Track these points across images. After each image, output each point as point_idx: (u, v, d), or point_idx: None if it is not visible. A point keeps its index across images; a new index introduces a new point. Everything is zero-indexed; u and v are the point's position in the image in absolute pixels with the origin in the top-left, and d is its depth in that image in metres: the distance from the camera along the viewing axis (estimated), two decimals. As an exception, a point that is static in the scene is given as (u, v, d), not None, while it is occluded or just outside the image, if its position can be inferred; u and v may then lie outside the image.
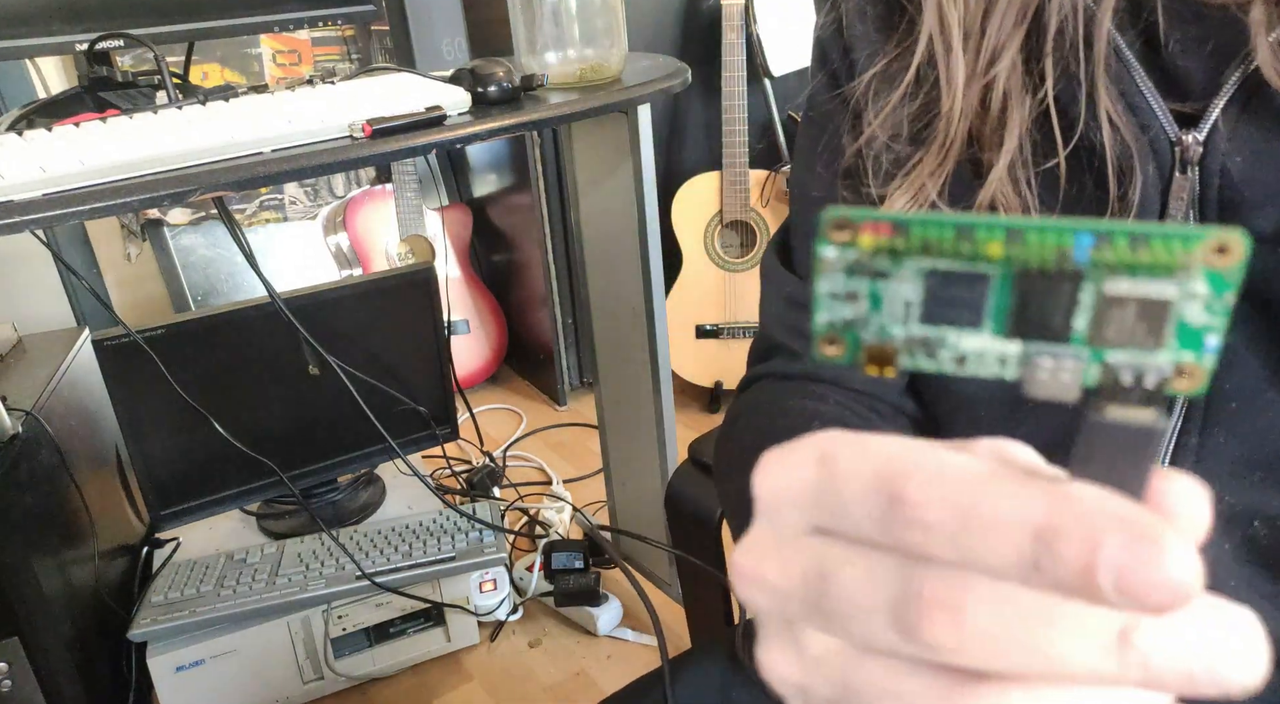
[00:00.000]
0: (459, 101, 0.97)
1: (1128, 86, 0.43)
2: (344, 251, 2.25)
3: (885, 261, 0.21)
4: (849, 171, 0.53)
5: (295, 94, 1.00)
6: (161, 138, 0.84)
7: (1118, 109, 0.43)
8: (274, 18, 1.12)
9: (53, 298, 1.68)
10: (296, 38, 2.20)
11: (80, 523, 1.31)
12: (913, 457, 0.19)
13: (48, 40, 1.00)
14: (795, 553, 0.20)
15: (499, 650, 1.56)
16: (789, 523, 0.21)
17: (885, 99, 0.49)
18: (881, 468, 0.19)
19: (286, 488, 1.49)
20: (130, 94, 1.07)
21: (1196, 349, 0.19)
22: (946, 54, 0.45)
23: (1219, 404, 0.44)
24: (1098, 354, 0.20)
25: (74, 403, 1.42)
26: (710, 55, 2.06)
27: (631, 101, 1.13)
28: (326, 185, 2.36)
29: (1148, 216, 0.44)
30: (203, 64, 2.11)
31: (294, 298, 1.39)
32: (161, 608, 1.34)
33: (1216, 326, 0.19)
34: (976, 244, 0.20)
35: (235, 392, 1.42)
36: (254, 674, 1.39)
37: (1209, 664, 0.18)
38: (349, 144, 0.88)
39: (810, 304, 0.22)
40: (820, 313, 0.22)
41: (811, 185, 0.57)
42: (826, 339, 0.22)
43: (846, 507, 0.20)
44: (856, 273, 0.21)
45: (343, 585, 1.39)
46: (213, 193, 0.82)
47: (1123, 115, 0.43)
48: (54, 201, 0.75)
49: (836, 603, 0.19)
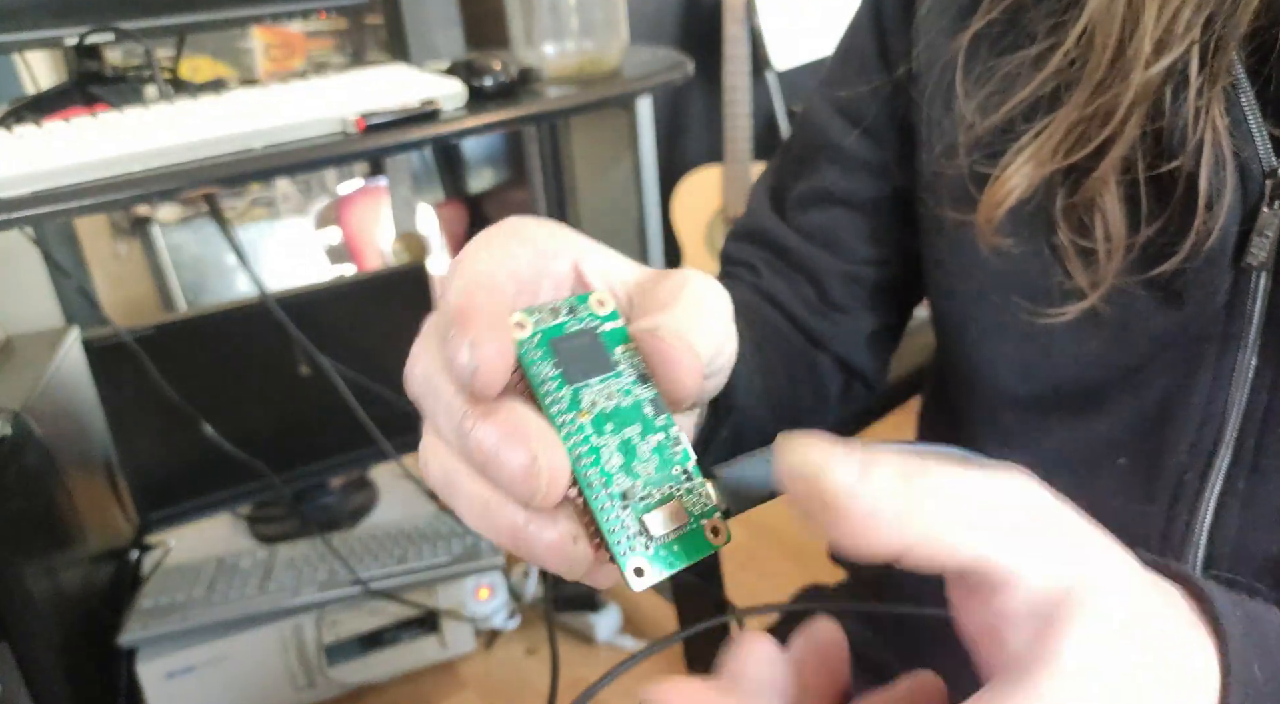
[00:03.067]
0: (454, 95, 0.95)
1: (1233, 103, 0.40)
2: (336, 248, 2.23)
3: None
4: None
5: (287, 88, 0.98)
6: (152, 133, 0.82)
7: (1221, 126, 0.39)
8: (266, 9, 1.10)
9: (41, 296, 1.66)
10: (289, 30, 2.18)
11: (69, 526, 1.29)
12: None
13: (37, 35, 0.99)
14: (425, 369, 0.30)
15: (495, 658, 1.54)
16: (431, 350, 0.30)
17: (1003, 77, 0.45)
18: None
19: (278, 491, 1.47)
20: (120, 88, 1.05)
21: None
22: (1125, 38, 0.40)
23: (1267, 450, 0.42)
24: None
25: (62, 404, 1.39)
26: (712, 47, 2.04)
27: (632, 94, 1.12)
28: (319, 181, 2.34)
29: (1222, 254, 0.41)
30: (194, 58, 2.09)
31: (286, 296, 1.37)
32: (152, 613, 1.32)
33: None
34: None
35: (226, 392, 1.41)
36: (246, 681, 1.37)
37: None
38: (341, 139, 0.86)
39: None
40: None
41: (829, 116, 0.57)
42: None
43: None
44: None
45: (336, 591, 1.36)
46: (203, 189, 0.80)
47: (1223, 133, 0.39)
48: (42, 198, 0.74)
49: (433, 419, 0.30)
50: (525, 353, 0.28)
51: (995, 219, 0.44)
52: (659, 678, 0.27)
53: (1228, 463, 0.42)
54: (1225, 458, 0.43)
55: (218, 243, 2.20)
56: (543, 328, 0.29)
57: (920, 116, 0.51)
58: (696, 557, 0.29)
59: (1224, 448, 0.42)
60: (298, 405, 1.47)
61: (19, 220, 0.73)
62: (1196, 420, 0.43)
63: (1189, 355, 0.43)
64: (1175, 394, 0.43)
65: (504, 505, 0.28)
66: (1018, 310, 0.46)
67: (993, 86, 0.45)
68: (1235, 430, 0.42)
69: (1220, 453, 0.43)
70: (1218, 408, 0.42)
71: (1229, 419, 0.42)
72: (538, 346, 0.29)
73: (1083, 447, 0.47)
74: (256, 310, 1.34)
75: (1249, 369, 0.41)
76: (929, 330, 0.72)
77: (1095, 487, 0.46)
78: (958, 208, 0.48)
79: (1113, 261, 0.42)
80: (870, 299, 0.60)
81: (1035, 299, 0.45)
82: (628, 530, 0.28)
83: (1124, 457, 0.45)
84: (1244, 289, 0.41)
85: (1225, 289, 0.41)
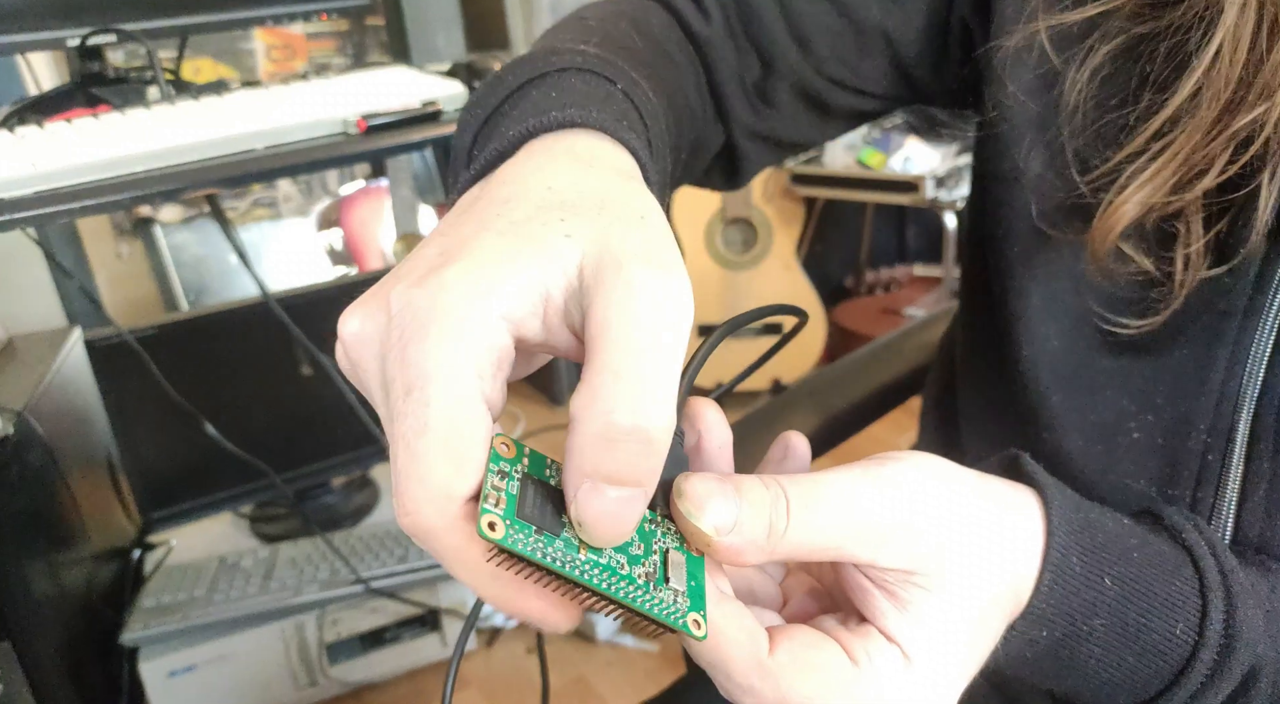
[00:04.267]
0: (455, 96, 0.96)
1: None
2: (338, 249, 2.23)
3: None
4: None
5: (289, 89, 0.98)
6: (154, 134, 0.82)
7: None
8: (268, 11, 1.10)
9: (43, 296, 1.66)
10: (290, 32, 2.18)
11: (71, 526, 1.29)
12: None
13: (39, 36, 0.99)
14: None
15: (496, 657, 1.54)
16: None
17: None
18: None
19: (279, 490, 1.47)
20: (123, 89, 1.06)
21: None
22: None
23: None
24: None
25: (65, 403, 1.39)
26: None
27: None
28: (320, 182, 2.34)
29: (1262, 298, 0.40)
30: (196, 59, 2.09)
31: (287, 296, 1.37)
32: (154, 612, 1.32)
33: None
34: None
35: (228, 392, 1.41)
36: (247, 680, 1.37)
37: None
38: (343, 140, 0.86)
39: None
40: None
41: None
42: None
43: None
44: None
45: (337, 590, 1.37)
46: (204, 190, 0.80)
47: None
48: (45, 199, 0.74)
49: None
50: (506, 545, 0.27)
51: (1110, 243, 0.42)
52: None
53: (1246, 445, 0.42)
54: (1244, 438, 0.42)
55: (220, 243, 2.20)
56: (509, 512, 0.27)
57: (991, 93, 0.50)
58: (702, 575, 0.32)
59: (1241, 426, 0.42)
60: (299, 405, 1.48)
61: (21, 221, 0.73)
62: (1214, 399, 0.43)
63: (1210, 331, 0.42)
64: (1194, 371, 0.43)
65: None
66: (1087, 314, 0.46)
67: (1105, 125, 0.44)
68: (1251, 410, 0.42)
69: (1238, 434, 0.42)
70: (1234, 387, 0.42)
71: (1245, 398, 0.42)
72: (512, 532, 0.27)
73: (1100, 424, 0.46)
74: (258, 311, 1.35)
75: (1268, 346, 0.41)
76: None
77: (1116, 469, 0.46)
78: (1048, 220, 0.47)
79: (1190, 266, 0.41)
80: (803, 112, 0.59)
81: (1114, 309, 0.45)
82: (666, 603, 0.30)
83: (1139, 432, 0.45)
84: (1274, 264, 0.41)
85: (1257, 263, 0.41)
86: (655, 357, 0.27)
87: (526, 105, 0.39)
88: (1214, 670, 0.36)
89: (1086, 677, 0.37)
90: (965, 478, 0.35)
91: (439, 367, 0.26)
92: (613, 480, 0.27)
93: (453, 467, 0.26)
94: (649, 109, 0.43)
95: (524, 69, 0.41)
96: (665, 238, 0.30)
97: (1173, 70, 0.41)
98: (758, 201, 2.12)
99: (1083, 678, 0.37)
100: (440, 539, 0.27)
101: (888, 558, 0.32)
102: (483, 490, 0.27)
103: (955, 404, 0.62)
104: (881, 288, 2.61)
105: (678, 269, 0.29)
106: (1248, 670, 0.36)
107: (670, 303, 0.28)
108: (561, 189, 0.31)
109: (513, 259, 0.28)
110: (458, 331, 0.27)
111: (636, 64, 0.47)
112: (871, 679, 0.32)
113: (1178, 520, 0.39)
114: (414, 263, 0.30)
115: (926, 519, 0.33)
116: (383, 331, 0.28)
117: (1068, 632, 0.35)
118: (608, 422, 0.26)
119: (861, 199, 2.18)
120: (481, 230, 0.29)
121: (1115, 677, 0.36)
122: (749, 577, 0.38)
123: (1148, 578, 0.36)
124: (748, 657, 0.31)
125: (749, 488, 0.31)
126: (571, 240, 0.29)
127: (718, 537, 0.30)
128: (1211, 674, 0.36)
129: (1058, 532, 0.35)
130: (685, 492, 0.31)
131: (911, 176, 2.05)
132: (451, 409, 0.26)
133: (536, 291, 0.28)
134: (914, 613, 0.33)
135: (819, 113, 0.59)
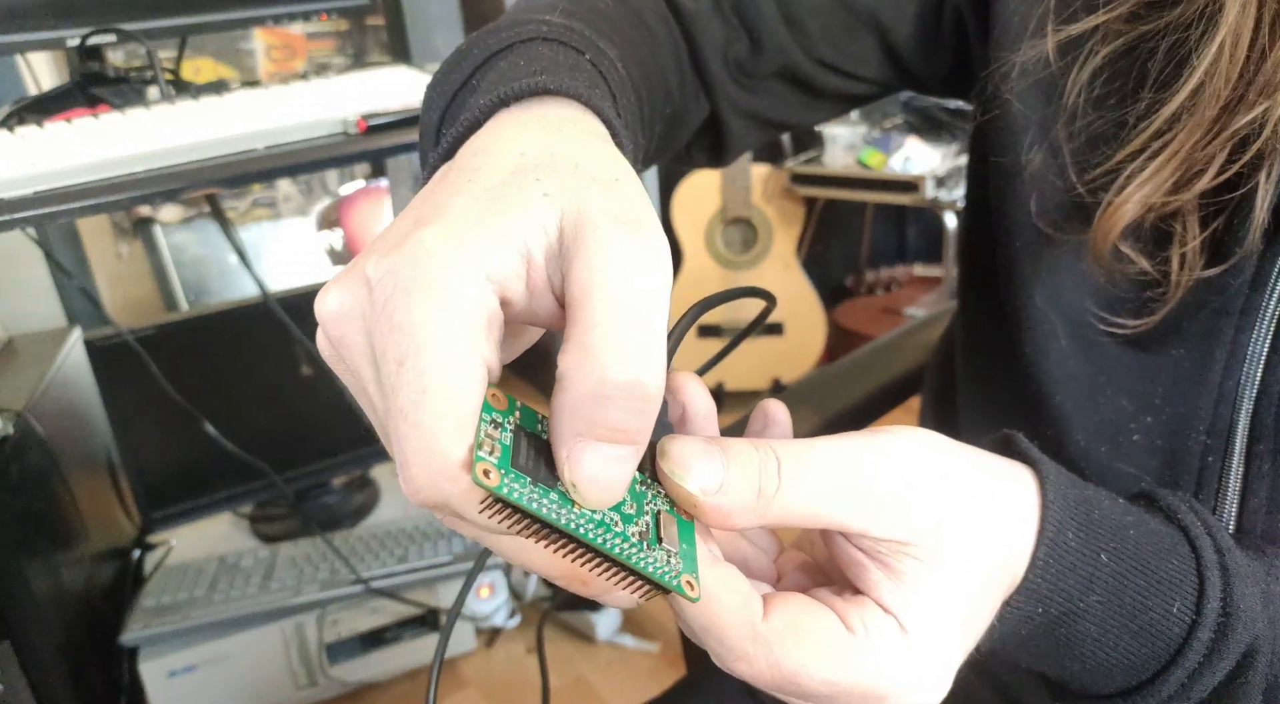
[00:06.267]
0: (457, 97, 0.95)
1: None
2: (338, 249, 2.23)
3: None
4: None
5: (288, 89, 0.98)
6: (154, 134, 0.82)
7: None
8: (268, 11, 1.10)
9: (43, 296, 1.66)
10: (290, 32, 2.18)
11: (72, 526, 1.29)
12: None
13: (39, 36, 0.99)
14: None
15: (496, 657, 1.54)
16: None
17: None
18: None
19: (279, 490, 1.47)
20: (122, 90, 1.05)
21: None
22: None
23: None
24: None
25: (65, 403, 1.39)
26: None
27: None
28: (320, 182, 2.34)
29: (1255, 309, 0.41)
30: (195, 59, 2.09)
31: (287, 296, 1.37)
32: (154, 612, 1.32)
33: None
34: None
35: (227, 392, 1.41)
36: (247, 680, 1.37)
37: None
38: (343, 140, 0.86)
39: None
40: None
41: None
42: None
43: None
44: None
45: (337, 590, 1.37)
46: (204, 190, 0.80)
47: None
48: (45, 199, 0.74)
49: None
50: (503, 493, 0.26)
51: (1110, 242, 0.43)
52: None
53: (1246, 444, 0.42)
54: (1243, 438, 0.42)
55: (220, 243, 2.20)
56: (504, 462, 0.26)
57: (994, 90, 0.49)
58: (693, 538, 0.31)
59: (1240, 427, 0.42)
60: (299, 405, 1.47)
61: (21, 221, 0.73)
62: (1212, 399, 0.42)
63: (1206, 330, 0.42)
64: (1191, 371, 0.43)
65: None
66: (1092, 318, 0.46)
67: (1104, 124, 0.44)
68: (1249, 411, 0.42)
69: (1237, 433, 0.42)
70: (1232, 386, 0.42)
71: (1243, 398, 0.42)
72: (507, 480, 0.26)
73: (1102, 423, 0.46)
74: (258, 310, 1.35)
75: (1265, 345, 0.41)
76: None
77: (1118, 469, 0.46)
78: (1048, 219, 0.47)
79: (1186, 266, 0.41)
80: (790, 92, 0.58)
81: (1111, 309, 0.45)
82: (660, 562, 0.29)
83: (1139, 433, 0.45)
84: (1271, 264, 0.40)
85: (1253, 262, 0.41)
86: (644, 314, 0.27)
87: (494, 76, 0.38)
88: (1211, 650, 0.35)
89: (1083, 657, 0.36)
90: (961, 450, 0.35)
91: (430, 332, 0.25)
92: (607, 438, 0.26)
93: (458, 433, 0.25)
94: (616, 79, 0.43)
95: (489, 41, 0.41)
96: (641, 198, 0.30)
97: (1173, 69, 0.41)
98: (758, 201, 2.12)
99: (1079, 659, 0.36)
100: (458, 507, 0.26)
101: (881, 528, 0.32)
102: (476, 438, 0.26)
103: (955, 403, 0.62)
104: (881, 288, 2.61)
105: (656, 230, 0.28)
106: (1245, 651, 0.36)
107: (652, 263, 0.27)
108: (534, 154, 0.30)
109: (491, 221, 0.27)
110: (444, 294, 0.26)
111: (605, 33, 0.46)
112: (868, 649, 0.31)
113: (1173, 502, 0.38)
114: (388, 234, 0.28)
115: (921, 490, 0.32)
116: (364, 304, 0.27)
117: (1064, 609, 0.35)
118: (602, 378, 0.26)
119: (861, 199, 2.18)
120: (455, 195, 0.28)
121: (1112, 657, 0.36)
122: (742, 550, 0.37)
123: (1144, 555, 0.36)
124: (741, 621, 0.31)
125: (738, 450, 0.31)
126: (550, 199, 0.28)
127: (704, 497, 0.30)
128: (1209, 654, 0.35)
129: (1053, 506, 0.34)
130: (669, 452, 0.30)
131: (912, 176, 2.05)
132: (449, 374, 0.25)
133: (518, 252, 0.27)
134: (909, 584, 0.32)
135: (807, 94, 0.59)
